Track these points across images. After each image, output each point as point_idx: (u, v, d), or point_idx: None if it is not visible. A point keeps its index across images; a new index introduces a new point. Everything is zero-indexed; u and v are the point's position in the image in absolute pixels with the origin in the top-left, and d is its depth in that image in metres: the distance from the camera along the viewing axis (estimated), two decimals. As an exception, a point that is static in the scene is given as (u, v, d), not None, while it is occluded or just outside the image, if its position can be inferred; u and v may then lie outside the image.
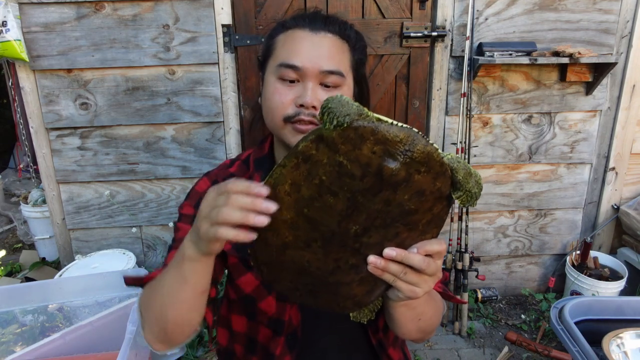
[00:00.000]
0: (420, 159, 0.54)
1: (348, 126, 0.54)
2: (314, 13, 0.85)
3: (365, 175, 0.55)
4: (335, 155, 0.55)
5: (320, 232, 0.60)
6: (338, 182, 0.56)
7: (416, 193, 0.56)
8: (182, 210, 0.92)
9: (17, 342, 1.58)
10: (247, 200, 0.56)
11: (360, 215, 0.57)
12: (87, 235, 2.20)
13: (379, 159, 0.54)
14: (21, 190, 3.80)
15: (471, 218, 2.23)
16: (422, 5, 2.04)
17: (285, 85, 0.81)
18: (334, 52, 0.81)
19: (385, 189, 0.55)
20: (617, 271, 2.22)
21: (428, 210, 0.59)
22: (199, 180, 0.95)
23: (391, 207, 0.57)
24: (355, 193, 0.56)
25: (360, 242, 0.59)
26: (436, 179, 0.56)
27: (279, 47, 0.83)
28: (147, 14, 1.92)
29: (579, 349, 1.12)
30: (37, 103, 1.99)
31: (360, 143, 0.54)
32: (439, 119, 2.17)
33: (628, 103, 2.18)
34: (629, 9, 2.06)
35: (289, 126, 0.81)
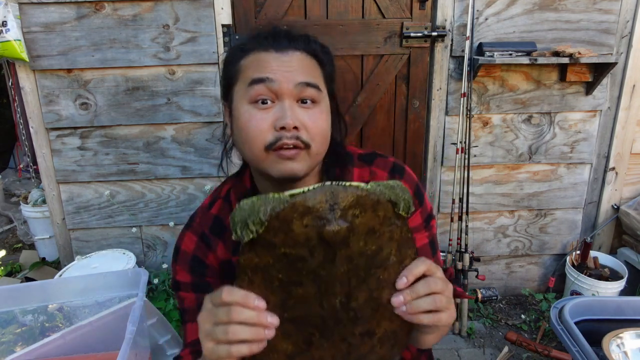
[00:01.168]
0: (350, 204, 0.53)
1: (270, 219, 0.52)
2: (275, 31, 0.78)
3: (313, 250, 0.54)
4: (275, 250, 0.54)
5: (312, 324, 0.58)
6: (294, 271, 0.55)
7: (368, 234, 0.55)
8: (177, 276, 0.86)
9: (17, 342, 1.58)
10: (252, 315, 0.54)
11: (334, 286, 0.56)
12: (87, 235, 2.20)
13: (315, 228, 0.53)
14: (21, 190, 3.80)
15: (471, 218, 2.23)
16: (422, 5, 2.04)
17: (260, 109, 0.73)
18: (306, 67, 0.76)
19: (338, 249, 0.54)
20: (617, 271, 2.22)
21: (389, 240, 0.58)
22: (182, 237, 0.87)
23: (355, 261, 0.56)
24: (316, 270, 0.55)
25: (351, 309, 0.58)
26: (376, 211, 0.55)
27: (244, 70, 0.76)
28: (147, 14, 1.92)
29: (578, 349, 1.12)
30: (37, 103, 1.99)
31: (289, 226, 0.53)
32: (439, 119, 2.17)
33: (628, 103, 2.18)
34: (629, 9, 2.06)
35: (272, 155, 0.73)
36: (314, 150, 0.75)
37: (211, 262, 0.85)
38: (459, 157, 2.08)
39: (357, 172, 0.88)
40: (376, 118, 2.19)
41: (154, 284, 2.09)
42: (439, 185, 2.26)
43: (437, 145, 2.20)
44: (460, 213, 2.13)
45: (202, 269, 0.85)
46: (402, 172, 0.90)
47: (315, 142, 0.75)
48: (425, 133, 2.22)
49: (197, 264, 0.85)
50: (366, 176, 0.88)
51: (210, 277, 0.85)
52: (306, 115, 0.74)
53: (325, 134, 0.77)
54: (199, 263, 0.85)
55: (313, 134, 0.74)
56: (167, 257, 2.23)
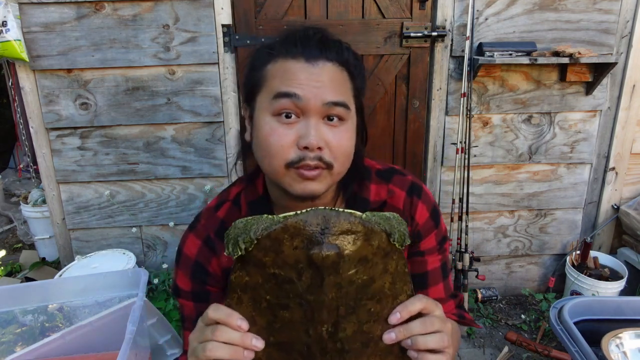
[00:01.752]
0: (342, 230, 0.52)
1: (260, 238, 0.52)
2: (305, 35, 0.73)
3: (301, 272, 0.53)
4: (265, 269, 0.54)
5: (297, 351, 0.58)
6: (282, 293, 0.55)
7: (359, 262, 0.54)
8: (177, 280, 0.84)
9: (17, 342, 1.58)
10: (235, 335, 0.54)
11: (321, 313, 0.55)
12: (87, 235, 2.20)
13: (304, 251, 0.52)
14: (21, 190, 3.80)
15: (471, 218, 2.23)
16: (422, 5, 2.04)
17: (283, 123, 0.69)
18: (336, 84, 0.71)
19: (327, 274, 0.53)
20: (617, 271, 2.22)
21: (383, 272, 0.57)
22: (185, 239, 0.84)
23: (344, 289, 0.55)
24: (303, 294, 0.54)
25: (338, 340, 0.57)
26: (369, 240, 0.54)
27: (270, 79, 0.71)
28: (147, 14, 1.92)
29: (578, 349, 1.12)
30: (37, 103, 1.99)
31: (279, 246, 0.53)
32: (439, 119, 2.17)
33: (628, 103, 2.18)
34: (629, 9, 2.06)
35: (293, 172, 0.70)
36: (336, 170, 0.72)
37: (214, 270, 0.83)
38: (459, 157, 2.08)
39: (374, 189, 0.85)
40: (376, 118, 2.19)
41: (154, 284, 2.09)
42: (439, 185, 2.26)
43: (437, 145, 2.20)
44: (460, 213, 2.13)
45: (204, 277, 0.83)
46: (419, 192, 0.86)
47: (338, 163, 0.72)
48: (425, 133, 2.22)
49: (199, 271, 0.82)
50: (383, 194, 0.85)
51: (211, 286, 0.83)
52: (331, 134, 0.70)
53: (348, 154, 0.74)
54: (201, 270, 0.82)
55: (336, 155, 0.71)
56: (167, 257, 2.23)
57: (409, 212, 0.85)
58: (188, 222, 2.24)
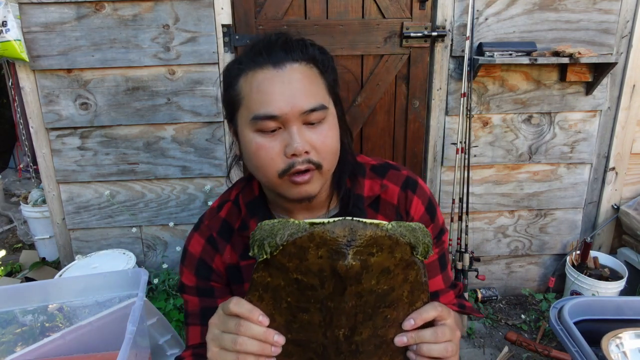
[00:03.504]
0: (367, 242, 0.53)
1: (286, 244, 0.53)
2: (268, 42, 0.75)
3: (324, 281, 0.54)
4: (288, 274, 0.55)
5: (313, 349, 0.59)
6: (303, 297, 0.56)
7: (381, 274, 0.55)
8: (182, 277, 0.87)
9: (17, 342, 1.58)
10: (259, 330, 0.56)
11: (340, 318, 0.56)
12: (87, 235, 2.20)
13: (329, 261, 0.53)
14: (21, 190, 3.80)
15: (471, 218, 2.23)
16: (422, 5, 2.04)
17: (267, 137, 0.72)
18: (307, 85, 0.73)
19: (349, 284, 0.54)
20: (617, 271, 2.22)
21: (403, 281, 0.58)
22: (190, 239, 0.88)
23: (365, 297, 0.56)
24: (324, 301, 0.56)
25: (353, 342, 0.58)
26: (393, 252, 0.55)
27: (246, 97, 0.74)
28: (147, 14, 1.92)
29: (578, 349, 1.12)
30: (37, 103, 1.99)
31: (304, 254, 0.53)
32: (439, 119, 2.17)
33: (628, 103, 2.18)
34: (629, 9, 2.06)
35: (286, 180, 0.73)
36: (326, 168, 0.75)
37: (217, 267, 0.85)
38: (459, 157, 2.08)
39: (368, 184, 0.86)
40: (376, 118, 2.19)
41: (154, 284, 2.09)
42: (439, 185, 2.26)
43: (437, 145, 2.20)
44: (460, 213, 2.13)
45: (208, 273, 0.85)
46: (414, 186, 0.88)
47: (326, 161, 0.75)
48: (425, 133, 2.22)
49: (203, 268, 0.85)
50: (377, 189, 0.86)
51: (215, 282, 0.86)
52: (314, 135, 0.73)
53: (335, 151, 0.77)
54: (205, 267, 0.85)
55: (323, 154, 0.74)
56: (167, 257, 2.23)
57: (404, 206, 0.86)
58: (188, 222, 2.25)
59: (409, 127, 2.21)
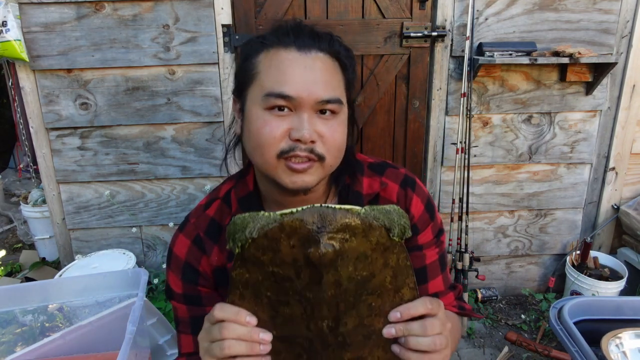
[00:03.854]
0: (339, 228, 0.52)
1: (257, 237, 0.52)
2: (298, 26, 0.73)
3: (299, 271, 0.53)
4: (264, 268, 0.54)
5: (299, 344, 0.58)
6: (282, 290, 0.55)
7: (358, 259, 0.54)
8: (169, 280, 0.84)
9: (17, 342, 1.58)
10: (244, 330, 0.55)
11: (321, 309, 0.55)
12: (87, 235, 2.20)
13: (301, 250, 0.52)
14: (21, 190, 3.80)
15: (471, 218, 2.23)
16: (422, 5, 2.04)
17: (275, 115, 0.70)
18: (328, 77, 0.71)
19: (325, 272, 0.53)
20: (617, 271, 2.22)
21: (384, 266, 0.56)
22: (175, 240, 0.84)
23: (344, 285, 0.55)
24: (302, 292, 0.55)
25: (339, 334, 0.57)
26: (367, 236, 0.54)
27: (262, 72, 0.71)
28: (147, 14, 1.92)
29: (578, 349, 1.12)
30: (37, 103, 1.99)
31: (277, 245, 0.53)
32: (439, 119, 2.17)
33: (628, 103, 2.18)
34: (629, 9, 2.06)
35: (283, 163, 0.71)
36: (328, 162, 0.73)
37: (204, 269, 0.82)
38: (459, 157, 2.08)
39: (366, 182, 0.85)
40: (376, 118, 2.19)
41: (154, 284, 2.09)
42: (439, 185, 2.26)
43: (437, 145, 2.20)
44: (460, 213, 2.13)
45: (195, 277, 0.82)
46: (413, 185, 0.87)
47: (330, 155, 0.73)
48: (425, 133, 2.22)
49: (190, 271, 0.82)
50: (376, 187, 0.85)
51: (202, 286, 0.83)
52: (324, 127, 0.71)
53: (341, 147, 0.75)
54: (191, 270, 0.82)
55: (329, 147, 0.72)
56: (167, 257, 2.23)
57: (404, 204, 0.85)
58: (188, 222, 2.24)
59: (409, 127, 2.21)
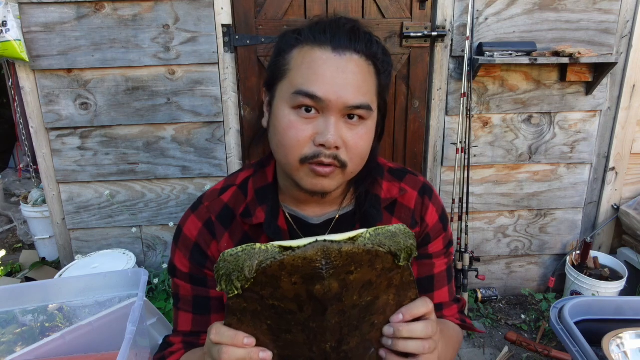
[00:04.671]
0: (343, 262, 0.49)
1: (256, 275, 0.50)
2: (336, 25, 0.70)
3: (302, 305, 0.52)
4: (263, 301, 0.53)
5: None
6: (283, 321, 0.54)
7: (363, 288, 0.53)
8: (174, 258, 0.84)
9: (17, 342, 1.58)
10: (242, 353, 0.54)
11: (324, 335, 0.55)
12: (87, 235, 2.20)
13: (304, 286, 0.50)
14: (21, 190, 3.80)
15: (471, 218, 2.23)
16: (422, 5, 2.04)
17: (302, 117, 0.68)
18: (361, 81, 0.69)
19: (329, 305, 0.52)
20: (617, 271, 2.22)
21: (387, 287, 0.56)
22: (186, 219, 0.83)
23: (348, 313, 0.54)
24: (305, 323, 0.53)
25: (342, 351, 0.57)
26: (373, 265, 0.52)
27: (294, 69, 0.70)
28: (147, 14, 1.92)
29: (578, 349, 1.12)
30: (37, 103, 1.99)
31: (277, 282, 0.50)
32: (439, 119, 2.17)
33: (628, 103, 2.18)
34: (629, 9, 2.06)
35: (306, 168, 0.70)
36: (350, 169, 0.72)
37: (213, 254, 0.81)
38: (459, 157, 2.08)
39: (385, 186, 0.85)
40: (376, 118, 2.18)
41: (154, 284, 2.09)
42: (439, 185, 2.26)
43: (437, 145, 2.20)
44: (460, 213, 2.13)
45: (202, 260, 0.82)
46: (430, 194, 0.87)
47: (353, 163, 0.72)
48: (425, 133, 2.22)
49: (198, 253, 0.81)
50: (395, 192, 0.84)
51: (209, 270, 0.82)
52: (350, 134, 0.69)
53: (364, 155, 0.74)
54: (200, 252, 0.81)
55: (352, 155, 0.71)
56: (167, 257, 2.23)
57: (420, 212, 0.85)
58: (188, 222, 2.24)
59: (409, 127, 2.21)
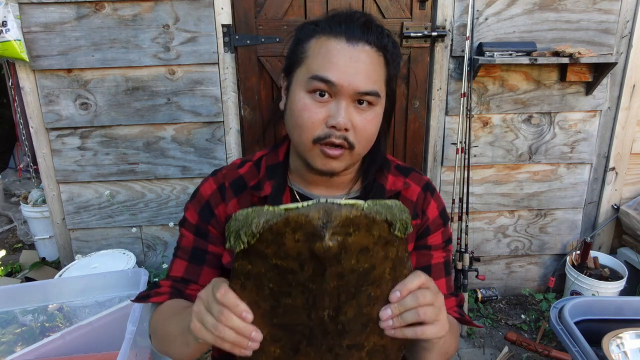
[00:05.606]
0: (343, 223, 0.53)
1: (262, 232, 0.53)
2: (351, 17, 0.77)
3: (303, 264, 0.55)
4: (267, 260, 0.55)
5: (299, 332, 0.60)
6: (284, 282, 0.56)
7: (360, 252, 0.55)
8: (186, 212, 0.91)
9: (17, 342, 1.58)
10: (238, 324, 0.57)
11: (323, 299, 0.57)
12: (87, 235, 2.20)
13: (306, 244, 0.53)
14: (21, 190, 3.80)
15: (471, 218, 2.23)
16: (422, 5, 2.04)
17: (316, 100, 0.76)
18: (371, 70, 0.76)
19: (329, 265, 0.54)
20: (617, 271, 2.22)
21: (384, 259, 0.58)
22: (205, 181, 0.92)
23: (346, 277, 0.56)
24: (305, 283, 0.56)
25: (339, 322, 0.59)
26: (370, 230, 0.55)
27: (311, 57, 0.77)
28: (147, 14, 1.92)
29: (578, 349, 1.12)
30: (37, 103, 1.99)
31: (281, 239, 0.53)
32: (439, 119, 2.17)
33: (628, 103, 2.18)
34: (629, 9, 2.06)
35: (317, 148, 0.77)
36: (357, 151, 0.79)
37: (219, 213, 0.88)
38: (459, 157, 2.08)
39: (391, 179, 0.91)
40: (376, 118, 2.18)
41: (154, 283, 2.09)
42: (439, 186, 2.26)
43: (437, 145, 2.20)
44: (460, 213, 2.13)
45: (209, 216, 0.88)
46: (433, 191, 0.93)
47: (360, 145, 0.78)
48: (425, 133, 2.22)
49: (207, 210, 0.89)
50: (399, 185, 0.90)
51: (213, 227, 0.89)
52: (359, 117, 0.76)
53: (371, 138, 0.80)
54: (209, 209, 0.89)
55: (360, 137, 0.78)
56: (167, 257, 2.23)
57: (422, 206, 0.91)
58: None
59: (409, 127, 2.21)
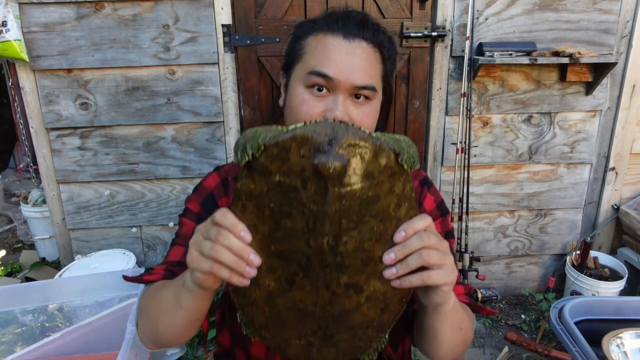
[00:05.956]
0: (349, 143, 0.52)
1: (268, 145, 0.53)
2: (347, 15, 0.80)
3: (306, 181, 0.53)
4: (271, 177, 0.54)
5: (296, 261, 0.58)
6: (286, 201, 0.55)
7: (365, 178, 0.54)
8: (188, 203, 0.91)
9: (17, 342, 1.58)
10: (236, 244, 0.56)
11: (323, 223, 0.55)
12: (87, 235, 2.20)
13: (310, 160, 0.52)
14: (21, 190, 3.80)
15: (471, 218, 2.23)
16: (422, 5, 2.04)
17: (314, 95, 0.77)
18: (367, 65, 0.78)
19: (331, 185, 0.53)
20: (617, 271, 2.22)
21: (389, 192, 0.56)
22: (208, 175, 0.93)
23: (348, 202, 0.54)
24: (306, 203, 0.54)
25: (338, 253, 0.57)
26: (376, 156, 0.54)
27: (308, 53, 0.79)
28: (147, 14, 1.92)
29: (578, 349, 1.12)
30: (37, 103, 1.99)
31: (286, 154, 0.53)
32: (439, 119, 2.17)
33: (628, 103, 2.18)
34: (629, 9, 2.06)
35: None
36: None
37: (222, 205, 0.89)
38: (459, 157, 2.08)
39: None
40: (376, 118, 2.18)
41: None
42: (439, 186, 2.26)
43: (437, 145, 2.20)
44: (460, 213, 2.13)
45: (212, 207, 0.89)
46: (430, 186, 0.95)
47: None
48: (425, 133, 2.22)
49: (210, 201, 0.90)
50: None
51: None
52: (356, 111, 0.78)
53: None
54: (212, 201, 0.90)
55: None
56: (167, 257, 2.23)
57: (418, 198, 0.92)
58: (188, 222, 2.25)
59: (409, 127, 2.21)
